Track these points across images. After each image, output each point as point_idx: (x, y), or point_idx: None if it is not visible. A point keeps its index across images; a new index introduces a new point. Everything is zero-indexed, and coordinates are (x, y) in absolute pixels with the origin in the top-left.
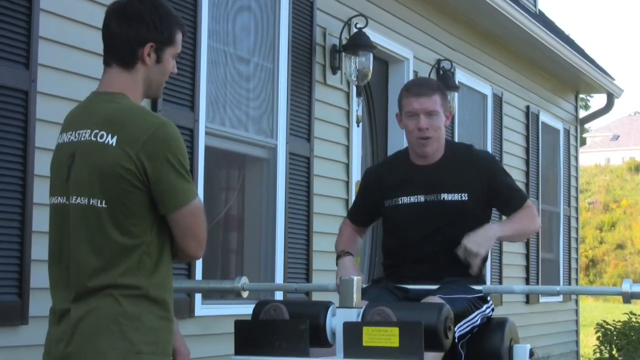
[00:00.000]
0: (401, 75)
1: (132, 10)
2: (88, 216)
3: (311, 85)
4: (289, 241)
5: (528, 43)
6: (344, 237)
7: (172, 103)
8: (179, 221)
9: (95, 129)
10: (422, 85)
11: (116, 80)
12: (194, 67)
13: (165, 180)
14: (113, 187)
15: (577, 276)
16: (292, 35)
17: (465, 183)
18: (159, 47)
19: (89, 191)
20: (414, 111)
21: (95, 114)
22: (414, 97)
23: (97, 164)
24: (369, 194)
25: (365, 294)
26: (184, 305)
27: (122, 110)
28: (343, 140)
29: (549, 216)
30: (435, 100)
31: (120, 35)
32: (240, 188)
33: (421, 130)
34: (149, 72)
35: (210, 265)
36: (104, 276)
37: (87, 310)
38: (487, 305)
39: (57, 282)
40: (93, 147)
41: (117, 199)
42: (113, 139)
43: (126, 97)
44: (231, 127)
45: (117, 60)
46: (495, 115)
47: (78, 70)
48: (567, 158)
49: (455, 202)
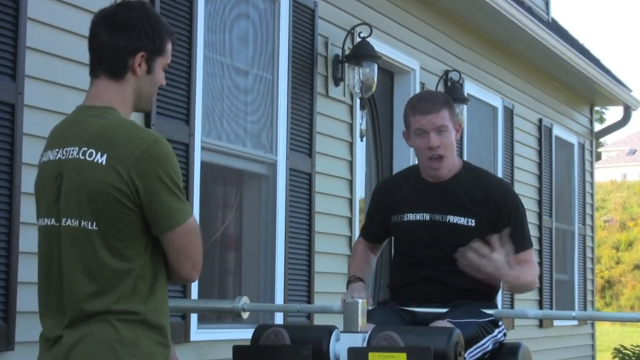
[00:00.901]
0: (407, 87)
1: (122, 18)
2: (79, 239)
3: (312, 98)
4: (290, 262)
5: (540, 53)
6: (357, 258)
7: (167, 116)
8: (173, 242)
9: (84, 147)
10: (429, 100)
11: (104, 92)
12: (189, 78)
13: (158, 199)
14: (104, 208)
15: (592, 298)
16: (292, 45)
17: (474, 208)
18: (150, 57)
19: (79, 213)
20: (422, 129)
21: (83, 129)
22: (421, 115)
23: (86, 184)
24: (376, 209)
25: (371, 317)
26: (179, 329)
27: (112, 126)
28: (346, 155)
29: (563, 235)
30: (444, 115)
31: (109, 44)
32: (238, 206)
33: (432, 148)
34: (140, 84)
35: (206, 287)
36: (99, 301)
37: (81, 336)
38: (499, 329)
39: (47, 308)
40: (82, 165)
41: (108, 221)
42: (103, 157)
43: (115, 110)
44: (228, 142)
45: (105, 70)
46: (506, 128)
47: (68, 82)
48: (582, 174)
49: (461, 226)
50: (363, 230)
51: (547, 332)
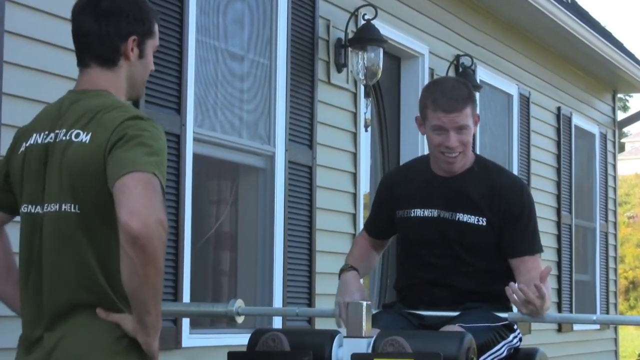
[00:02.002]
0: (415, 73)
1: (107, 4)
2: (62, 225)
3: (313, 85)
4: (289, 262)
5: (559, 36)
6: (356, 251)
7: (156, 105)
8: (118, 187)
9: (72, 128)
10: (452, 97)
11: (98, 80)
12: (181, 64)
13: (116, 152)
14: (85, 189)
15: (616, 301)
16: (291, 29)
17: (485, 207)
18: (142, 41)
19: (60, 196)
20: (442, 127)
21: (74, 111)
22: (443, 112)
23: (68, 165)
24: (381, 201)
25: (376, 321)
26: (169, 334)
27: (104, 107)
28: (350, 147)
29: (583, 233)
30: (467, 113)
31: (98, 31)
32: (233, 202)
33: (450, 148)
34: (133, 69)
35: (199, 289)
36: (82, 295)
37: (62, 336)
38: (514, 334)
39: (25, 306)
40: (67, 147)
41: (89, 203)
42: (87, 136)
43: (111, 94)
44: (223, 133)
45: (96, 59)
46: (522, 118)
47: (51, 68)
48: (604, 166)
49: (471, 225)
50: (367, 223)
51: (567, 337)
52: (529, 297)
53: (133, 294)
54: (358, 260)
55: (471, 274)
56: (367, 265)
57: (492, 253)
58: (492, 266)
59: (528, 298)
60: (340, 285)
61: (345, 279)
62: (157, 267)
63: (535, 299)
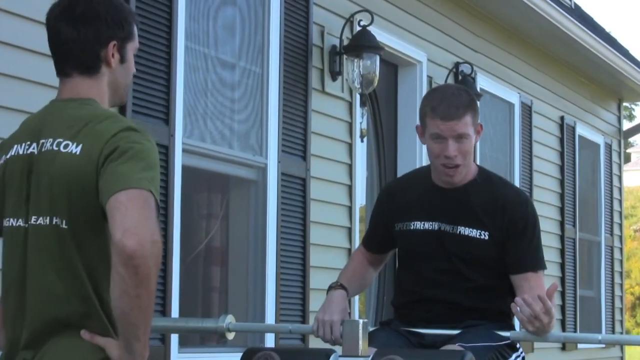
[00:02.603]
0: (413, 81)
1: (83, 8)
2: (50, 239)
3: (307, 94)
4: (282, 277)
5: (562, 42)
6: (351, 267)
7: (143, 115)
8: (112, 204)
9: (59, 138)
10: (451, 104)
11: (81, 89)
12: (169, 72)
13: (110, 166)
14: (76, 204)
15: (622, 317)
16: (284, 35)
17: (488, 220)
18: (122, 45)
19: (51, 209)
20: (441, 135)
21: (60, 121)
22: (441, 120)
23: (58, 177)
24: (380, 213)
25: (373, 339)
26: (157, 352)
27: (92, 117)
28: (345, 158)
29: (588, 247)
30: (466, 121)
31: (77, 39)
32: (224, 215)
33: (449, 157)
34: (115, 75)
35: (188, 305)
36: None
37: (43, 355)
38: (517, 353)
39: (6, 322)
40: (55, 158)
41: (81, 218)
42: (78, 147)
43: (96, 102)
44: (213, 144)
45: (77, 68)
46: (524, 127)
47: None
48: (609, 178)
49: (473, 239)
50: (364, 237)
51: (571, 356)
52: (535, 311)
53: (122, 316)
54: (351, 277)
55: (472, 290)
56: (361, 282)
57: (494, 268)
58: (494, 282)
59: (535, 312)
60: (325, 302)
61: (331, 296)
62: (149, 290)
63: (543, 314)
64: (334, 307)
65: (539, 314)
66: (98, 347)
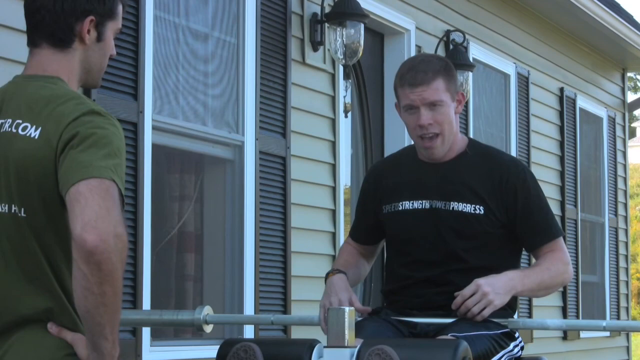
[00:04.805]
0: (400, 52)
1: None
2: (9, 228)
3: (286, 66)
4: (261, 264)
5: (561, 8)
6: (342, 258)
7: (110, 90)
8: (72, 196)
9: (18, 119)
10: (418, 69)
11: (48, 63)
12: (137, 44)
13: (72, 155)
14: (33, 192)
15: (627, 304)
16: (261, 2)
17: (483, 194)
18: (100, 22)
19: (8, 196)
20: (412, 104)
21: (21, 100)
22: (409, 87)
23: (15, 161)
24: (367, 198)
25: (360, 330)
26: (128, 346)
27: (54, 98)
28: (328, 134)
29: (591, 228)
30: (437, 87)
31: (52, 7)
32: (198, 197)
33: (422, 127)
34: (88, 53)
35: (161, 296)
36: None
37: (6, 350)
38: (515, 343)
39: None
40: (13, 141)
41: (38, 206)
42: (37, 131)
43: (62, 81)
44: (185, 121)
45: (47, 39)
46: (520, 100)
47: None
48: (613, 154)
49: (468, 214)
50: (352, 229)
51: (573, 346)
52: (468, 306)
53: (87, 315)
54: (346, 267)
55: (468, 272)
56: (357, 272)
57: (491, 247)
58: (492, 263)
59: (467, 307)
60: (326, 288)
61: (331, 281)
62: (115, 287)
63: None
64: (337, 288)
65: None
66: (65, 342)
